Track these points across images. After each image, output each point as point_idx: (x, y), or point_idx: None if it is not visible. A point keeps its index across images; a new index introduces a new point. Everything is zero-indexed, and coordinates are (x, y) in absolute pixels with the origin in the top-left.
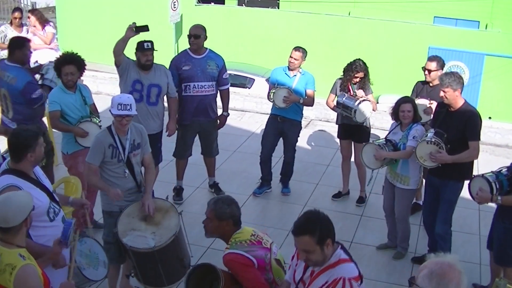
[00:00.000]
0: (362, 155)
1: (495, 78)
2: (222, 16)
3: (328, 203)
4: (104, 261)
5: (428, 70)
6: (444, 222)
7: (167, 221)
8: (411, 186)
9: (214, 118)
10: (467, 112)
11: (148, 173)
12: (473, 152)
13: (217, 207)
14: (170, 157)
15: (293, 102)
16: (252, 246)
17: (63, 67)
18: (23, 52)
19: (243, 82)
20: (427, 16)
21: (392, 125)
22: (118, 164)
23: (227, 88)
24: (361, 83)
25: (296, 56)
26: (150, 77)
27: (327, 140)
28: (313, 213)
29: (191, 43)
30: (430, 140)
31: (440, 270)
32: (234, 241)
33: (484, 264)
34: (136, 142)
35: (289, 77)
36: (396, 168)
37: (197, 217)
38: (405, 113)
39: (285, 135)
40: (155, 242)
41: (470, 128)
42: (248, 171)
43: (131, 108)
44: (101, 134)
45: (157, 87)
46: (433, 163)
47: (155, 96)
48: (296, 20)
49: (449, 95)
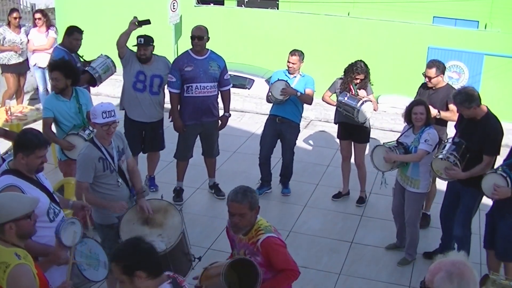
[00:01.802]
0: (373, 157)
1: (494, 77)
2: (222, 17)
3: (328, 204)
4: (105, 262)
5: (428, 77)
6: (464, 225)
7: (170, 220)
8: (422, 190)
9: (215, 119)
10: (488, 124)
11: (136, 176)
12: (486, 167)
13: (251, 199)
14: (170, 158)
15: (291, 95)
16: (276, 230)
17: (50, 73)
18: (69, 39)
19: (242, 82)
20: (427, 16)
21: (405, 128)
22: (111, 175)
23: (228, 89)
24: (362, 84)
25: (294, 60)
26: (152, 68)
27: (327, 141)
28: (131, 242)
29: (194, 44)
30: (443, 157)
31: (458, 270)
32: (265, 227)
33: (484, 264)
34: (120, 148)
35: (289, 78)
36: (407, 171)
37: (197, 218)
38: (417, 116)
39: (283, 136)
40: (165, 244)
41: (488, 143)
42: (248, 171)
43: (115, 114)
44: (87, 150)
45: (159, 78)
46: (449, 178)
47: (157, 86)
48: (295, 20)
49: (465, 114)
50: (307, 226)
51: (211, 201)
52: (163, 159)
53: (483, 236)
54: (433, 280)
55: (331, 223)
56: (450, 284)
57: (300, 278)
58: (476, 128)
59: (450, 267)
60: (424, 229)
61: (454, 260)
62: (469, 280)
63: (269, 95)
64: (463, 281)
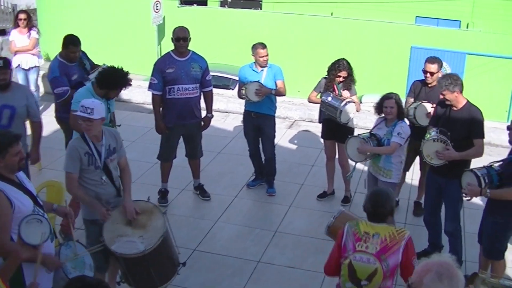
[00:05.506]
0: (347, 148)
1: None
2: (205, 18)
3: (313, 203)
4: (90, 265)
5: (430, 73)
6: (453, 219)
7: (153, 223)
8: (394, 180)
9: (198, 120)
10: (472, 111)
11: (125, 176)
12: (479, 149)
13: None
14: (154, 159)
15: (265, 94)
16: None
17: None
18: (65, 52)
19: (226, 83)
20: (409, 16)
21: (377, 120)
22: (95, 171)
23: (210, 89)
24: (346, 84)
25: (265, 52)
26: (5, 97)
27: (311, 141)
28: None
29: (179, 45)
30: (436, 138)
31: (447, 271)
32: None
33: (469, 261)
34: (112, 147)
35: (257, 72)
36: (379, 162)
37: (183, 220)
38: (387, 109)
39: (262, 130)
40: (144, 246)
41: (475, 126)
42: (233, 172)
43: (91, 112)
44: (75, 141)
45: (10, 109)
46: (440, 161)
47: (7, 118)
48: (278, 21)
49: (448, 97)
50: (293, 226)
51: (197, 202)
52: (146, 161)
53: (468, 234)
54: (421, 281)
55: (316, 223)
56: (440, 284)
57: (286, 278)
58: (456, 117)
59: (439, 268)
60: (418, 217)
61: (440, 260)
62: (458, 280)
63: (242, 94)
64: (452, 281)
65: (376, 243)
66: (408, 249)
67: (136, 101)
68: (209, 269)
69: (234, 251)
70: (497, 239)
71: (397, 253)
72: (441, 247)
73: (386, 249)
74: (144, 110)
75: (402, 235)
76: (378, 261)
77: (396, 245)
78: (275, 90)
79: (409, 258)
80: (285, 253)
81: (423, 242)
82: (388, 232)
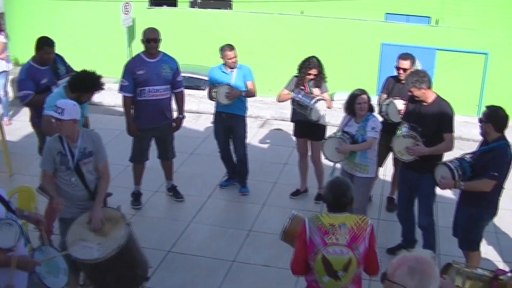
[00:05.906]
0: (324, 150)
1: (447, 72)
2: (175, 19)
3: (286, 202)
4: (64, 269)
5: (403, 69)
6: (426, 214)
7: (115, 232)
8: (370, 174)
9: (169, 121)
10: (441, 105)
11: (101, 183)
12: (449, 143)
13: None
14: (126, 162)
15: (236, 97)
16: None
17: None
18: (39, 54)
19: (198, 84)
20: (379, 13)
21: (345, 118)
22: (66, 171)
23: (181, 90)
24: (317, 81)
25: (234, 54)
26: None
27: (283, 139)
28: None
29: (150, 47)
30: (406, 134)
31: (421, 266)
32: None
33: (443, 254)
34: (88, 150)
35: (226, 73)
36: (355, 159)
37: (157, 221)
38: (361, 105)
39: (233, 131)
40: (99, 254)
41: (444, 121)
42: (206, 173)
43: (62, 113)
44: (51, 140)
45: None
46: (411, 157)
47: None
48: (249, 20)
49: (416, 94)
50: (267, 225)
51: (170, 204)
52: (119, 163)
53: (441, 227)
54: (394, 273)
55: None
56: (411, 279)
57: (262, 277)
58: (426, 113)
59: (413, 263)
60: (391, 213)
61: (417, 256)
62: (430, 277)
63: (212, 97)
64: (424, 278)
65: (345, 234)
66: (371, 235)
67: (107, 103)
68: (185, 270)
69: (209, 252)
70: (472, 230)
71: (365, 240)
72: (415, 241)
73: (356, 237)
74: (115, 112)
75: (366, 222)
76: (351, 251)
77: (364, 232)
78: (245, 92)
79: (371, 244)
80: (260, 252)
81: (397, 237)
82: (353, 221)
